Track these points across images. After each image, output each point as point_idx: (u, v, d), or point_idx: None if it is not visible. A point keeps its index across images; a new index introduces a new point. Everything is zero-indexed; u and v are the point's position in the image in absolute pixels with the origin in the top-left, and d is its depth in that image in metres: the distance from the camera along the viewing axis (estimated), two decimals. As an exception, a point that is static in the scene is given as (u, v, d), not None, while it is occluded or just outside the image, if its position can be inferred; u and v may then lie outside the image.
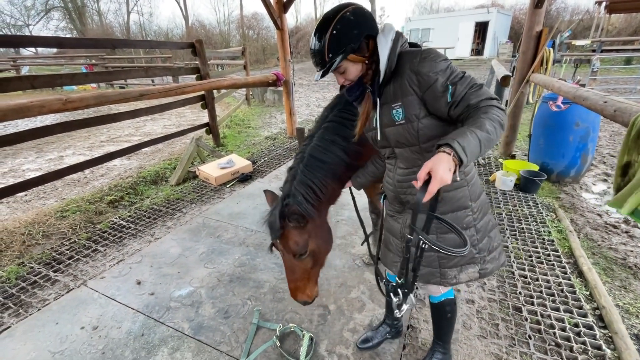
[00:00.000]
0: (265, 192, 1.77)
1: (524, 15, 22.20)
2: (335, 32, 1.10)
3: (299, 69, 21.72)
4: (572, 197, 3.64)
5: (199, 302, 2.24)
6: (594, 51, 14.21)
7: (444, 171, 0.92)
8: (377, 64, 1.18)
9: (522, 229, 2.97)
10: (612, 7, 16.41)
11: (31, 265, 2.71)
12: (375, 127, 1.29)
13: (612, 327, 1.88)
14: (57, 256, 2.82)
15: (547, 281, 2.31)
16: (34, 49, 24.93)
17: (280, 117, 8.44)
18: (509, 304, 2.13)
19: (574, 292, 2.19)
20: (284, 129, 7.11)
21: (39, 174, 4.18)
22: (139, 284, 2.44)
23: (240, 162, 4.52)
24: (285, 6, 5.22)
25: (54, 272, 2.63)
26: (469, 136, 0.96)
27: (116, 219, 3.44)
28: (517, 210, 3.30)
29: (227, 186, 4.17)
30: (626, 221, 3.13)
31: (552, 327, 1.93)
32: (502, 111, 1.06)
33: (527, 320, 1.99)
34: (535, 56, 4.02)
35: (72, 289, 2.42)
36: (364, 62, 1.19)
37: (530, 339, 1.87)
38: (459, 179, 0.99)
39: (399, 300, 1.27)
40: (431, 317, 1.65)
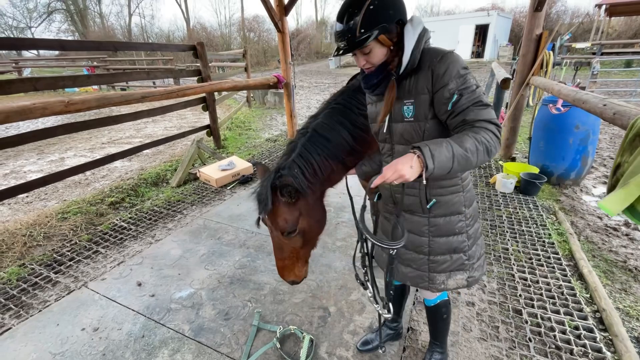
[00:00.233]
0: (255, 164, 1.65)
1: (524, 18, 22.29)
2: (372, 7, 1.05)
3: (300, 71, 21.79)
4: (572, 199, 3.64)
5: (199, 303, 2.25)
6: (594, 54, 14.26)
7: (403, 165, 0.96)
8: (401, 53, 1.13)
9: (523, 231, 2.97)
10: (612, 10, 16.49)
11: (32, 266, 2.72)
12: (385, 120, 1.25)
13: (612, 329, 1.88)
14: (58, 257, 2.83)
15: (548, 284, 2.31)
16: (36, 51, 25.03)
17: (281, 120, 8.47)
18: (509, 306, 2.13)
19: (574, 295, 2.19)
20: (284, 131, 7.13)
21: (40, 175, 4.21)
22: (140, 285, 2.44)
23: (241, 164, 4.54)
24: (286, 9, 5.24)
25: (55, 273, 2.63)
26: (444, 147, 0.98)
27: (117, 220, 3.45)
28: (518, 212, 3.30)
29: (228, 188, 4.18)
30: (626, 224, 3.13)
31: (552, 329, 1.93)
32: (496, 138, 1.04)
33: (527, 322, 1.99)
34: (535, 59, 4.04)
35: (73, 290, 2.43)
36: (389, 48, 1.13)
37: (530, 341, 1.87)
38: (426, 174, 1.01)
39: (371, 294, 1.34)
40: (427, 320, 1.67)
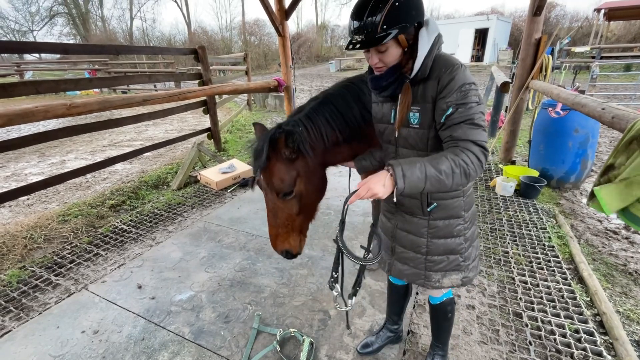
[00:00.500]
0: (254, 124, 1.59)
1: (523, 22, 22.41)
2: (397, 4, 1.02)
3: (300, 74, 21.87)
4: (572, 202, 3.64)
5: (199, 306, 2.25)
6: (593, 58, 14.31)
7: (374, 184, 1.01)
8: (415, 55, 1.11)
9: (523, 234, 2.97)
10: (611, 14, 16.61)
11: (33, 269, 2.72)
12: (391, 122, 1.25)
13: (612, 333, 1.88)
14: (59, 260, 2.83)
15: (548, 287, 2.31)
16: (37, 54, 25.15)
17: (281, 123, 8.47)
18: (509, 309, 2.13)
19: (575, 298, 2.19)
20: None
21: (41, 178, 4.22)
22: (140, 288, 2.45)
23: (241, 167, 4.55)
24: (287, 13, 5.27)
25: (55, 275, 2.63)
26: (417, 168, 0.99)
27: (117, 223, 3.46)
28: (518, 215, 3.31)
29: (228, 191, 4.19)
30: (626, 227, 3.13)
31: (552, 333, 1.93)
32: (478, 161, 1.02)
33: (527, 326, 1.99)
34: (534, 63, 4.06)
35: (73, 292, 2.43)
36: (404, 49, 1.11)
37: (530, 345, 1.86)
38: (395, 200, 1.03)
39: (337, 293, 1.35)
40: (430, 319, 1.66)
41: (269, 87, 5.35)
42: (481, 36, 22.60)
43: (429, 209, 1.27)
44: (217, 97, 6.67)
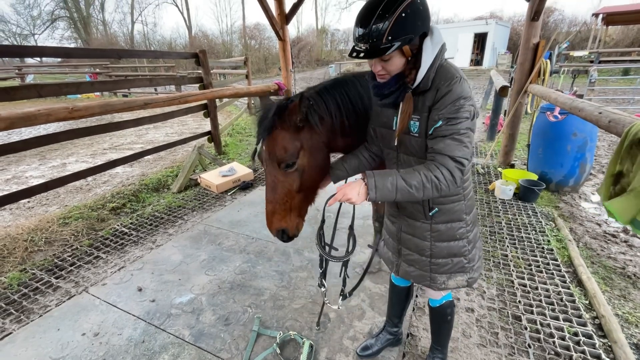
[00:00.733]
0: (262, 98, 1.59)
1: (521, 26, 22.51)
2: (404, 15, 1.01)
3: (300, 78, 21.95)
4: (571, 206, 3.66)
5: (199, 309, 2.25)
6: (592, 62, 14.40)
7: (350, 191, 1.12)
8: (418, 65, 1.11)
9: (522, 237, 2.98)
10: (609, 19, 16.73)
11: (33, 271, 2.72)
12: (393, 129, 1.26)
13: (611, 336, 1.88)
14: (59, 263, 2.84)
15: (547, 290, 2.31)
16: (38, 58, 25.24)
17: (281, 126, 8.50)
18: (508, 312, 2.13)
19: (573, 301, 2.19)
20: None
21: (42, 181, 4.22)
22: (140, 290, 2.45)
23: (241, 170, 4.56)
24: (287, 18, 5.32)
25: (56, 278, 2.64)
26: (389, 180, 1.08)
27: (118, 226, 3.46)
28: (517, 219, 3.32)
29: (229, 194, 4.20)
30: (625, 230, 3.15)
31: (551, 336, 1.94)
32: (451, 177, 1.07)
33: (526, 329, 2.00)
34: (532, 67, 4.09)
35: (74, 295, 2.43)
36: (407, 59, 1.12)
37: (529, 347, 1.87)
38: (369, 200, 1.11)
39: (325, 291, 1.54)
40: (430, 322, 1.67)
41: (270, 90, 5.38)
42: (480, 40, 22.73)
43: (430, 214, 1.29)
44: (217, 100, 6.71)
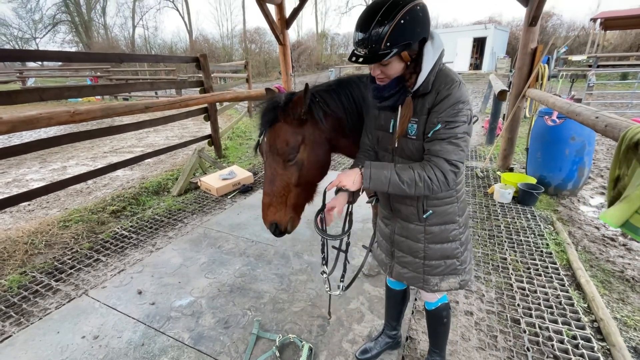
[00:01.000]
0: (266, 89, 1.61)
1: (520, 31, 22.64)
2: (403, 22, 1.02)
3: (301, 82, 22.00)
4: (570, 209, 3.67)
5: (199, 312, 2.26)
6: (590, 66, 14.47)
7: (346, 178, 1.20)
8: (418, 70, 1.13)
9: (520, 241, 2.99)
10: (607, 23, 16.85)
11: (33, 274, 2.73)
12: (390, 131, 1.28)
13: (610, 339, 1.89)
14: (59, 265, 2.85)
15: (545, 293, 2.32)
16: (40, 61, 25.37)
17: (281, 129, 8.53)
18: (507, 316, 2.14)
19: (572, 305, 2.20)
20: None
21: (42, 184, 4.25)
22: (140, 293, 2.46)
23: (241, 174, 4.58)
24: (287, 22, 5.37)
25: (56, 281, 2.64)
26: (384, 173, 1.15)
27: (118, 229, 3.47)
28: (515, 222, 3.33)
29: (229, 197, 4.22)
30: (623, 234, 3.16)
31: (550, 339, 1.94)
32: (444, 179, 1.11)
33: (525, 332, 2.00)
34: (530, 72, 4.13)
35: (74, 298, 2.44)
36: (406, 63, 1.13)
37: (528, 351, 1.87)
38: (363, 188, 1.19)
39: (326, 277, 1.56)
40: (427, 325, 1.68)
41: (270, 94, 5.39)
42: (479, 45, 22.87)
43: (424, 216, 1.30)
44: (217, 104, 6.74)
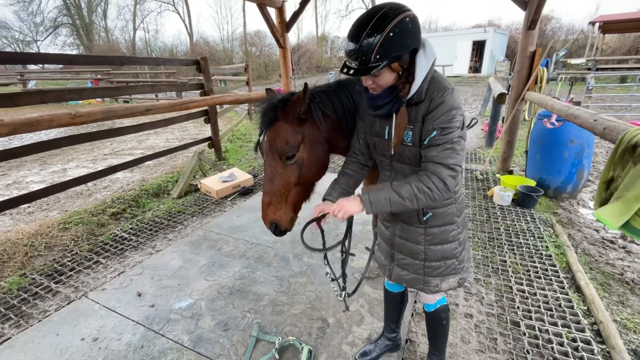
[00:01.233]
0: (267, 89, 1.63)
1: (519, 34, 22.74)
2: (392, 34, 1.02)
3: (301, 84, 22.09)
4: (569, 212, 3.67)
5: (198, 314, 2.26)
6: (589, 69, 14.54)
7: (349, 205, 1.22)
8: (411, 79, 1.14)
9: (520, 243, 2.99)
10: (606, 27, 16.93)
11: (33, 276, 2.73)
12: (386, 138, 1.30)
13: (609, 342, 1.89)
14: (59, 267, 2.85)
15: (545, 296, 2.32)
16: (41, 64, 25.45)
17: (281, 132, 8.54)
18: (507, 318, 2.14)
19: (572, 307, 2.20)
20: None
21: (42, 186, 4.25)
22: (140, 295, 2.45)
23: (241, 176, 4.59)
24: (287, 26, 5.40)
25: (56, 283, 2.64)
26: (382, 196, 1.17)
27: (118, 231, 3.47)
28: (515, 225, 3.33)
29: (228, 199, 4.22)
30: (623, 237, 3.16)
31: (550, 341, 1.94)
32: (444, 185, 1.12)
33: (525, 334, 2.00)
34: (529, 75, 4.15)
35: (73, 300, 2.44)
36: (399, 73, 1.14)
37: (528, 353, 1.87)
38: (366, 213, 1.21)
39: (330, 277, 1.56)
40: (426, 327, 1.69)
41: (270, 97, 5.42)
42: (478, 48, 22.96)
43: (424, 218, 1.32)
44: (218, 106, 6.76)
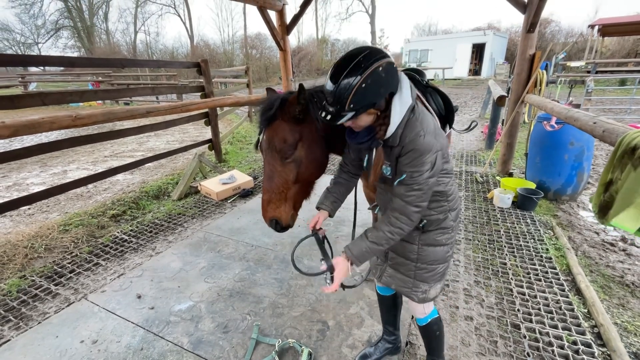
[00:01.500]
0: (267, 89, 1.66)
1: (519, 37, 22.79)
2: (364, 85, 1.04)
3: (301, 87, 22.15)
4: (569, 214, 3.67)
5: (198, 316, 2.25)
6: (588, 72, 14.58)
7: (342, 271, 1.28)
8: (387, 121, 1.16)
9: (520, 246, 2.99)
10: (605, 30, 16.98)
11: (33, 278, 2.73)
12: (365, 168, 1.37)
13: (610, 345, 1.88)
14: (59, 269, 2.84)
15: (545, 298, 2.32)
16: (42, 66, 25.50)
17: (281, 134, 8.56)
18: (507, 321, 2.13)
19: (572, 310, 2.20)
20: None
21: (43, 188, 4.26)
22: (140, 298, 2.45)
23: (241, 178, 4.59)
24: (288, 29, 5.43)
25: (55, 285, 2.64)
26: (362, 245, 1.25)
27: (118, 233, 3.47)
28: (515, 227, 3.33)
29: (229, 201, 4.22)
30: (623, 239, 3.16)
31: (550, 344, 1.94)
32: (411, 221, 1.20)
33: (525, 337, 2.00)
34: (529, 78, 4.16)
35: (73, 302, 2.43)
36: (376, 114, 1.18)
37: (528, 356, 1.87)
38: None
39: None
40: (421, 337, 1.70)
41: (270, 99, 5.43)
42: (478, 51, 23.04)
43: (421, 225, 1.34)
44: (218, 109, 6.78)
